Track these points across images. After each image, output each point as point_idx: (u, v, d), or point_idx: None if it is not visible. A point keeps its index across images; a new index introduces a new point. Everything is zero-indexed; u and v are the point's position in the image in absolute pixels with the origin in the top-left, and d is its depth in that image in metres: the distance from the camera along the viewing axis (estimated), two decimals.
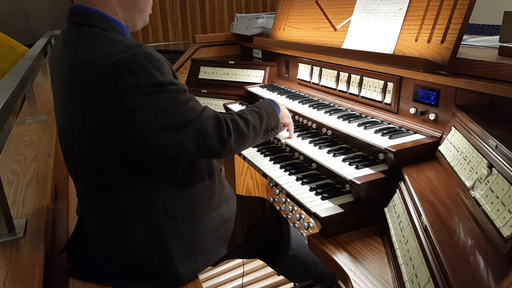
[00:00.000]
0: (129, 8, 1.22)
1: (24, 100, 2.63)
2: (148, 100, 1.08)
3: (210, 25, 6.40)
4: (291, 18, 2.23)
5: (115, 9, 1.19)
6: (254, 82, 2.45)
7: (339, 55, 1.78)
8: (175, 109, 1.14)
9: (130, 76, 1.05)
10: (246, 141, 1.32)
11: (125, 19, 1.24)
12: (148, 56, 1.08)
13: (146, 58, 1.08)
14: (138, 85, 1.06)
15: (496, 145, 0.96)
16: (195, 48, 2.75)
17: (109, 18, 1.17)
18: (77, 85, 1.10)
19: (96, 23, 1.14)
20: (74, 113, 1.15)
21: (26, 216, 1.36)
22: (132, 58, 1.06)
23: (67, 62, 1.13)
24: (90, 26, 1.14)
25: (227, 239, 1.40)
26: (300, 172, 1.54)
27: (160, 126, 1.11)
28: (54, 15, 6.57)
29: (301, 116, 1.84)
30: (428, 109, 1.47)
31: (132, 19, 1.26)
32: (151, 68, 1.08)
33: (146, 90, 1.07)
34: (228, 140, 1.23)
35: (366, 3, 1.73)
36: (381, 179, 1.29)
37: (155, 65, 1.09)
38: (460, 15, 1.32)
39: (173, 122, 1.13)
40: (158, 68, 1.10)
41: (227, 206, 1.42)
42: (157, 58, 1.11)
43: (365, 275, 1.06)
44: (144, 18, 1.30)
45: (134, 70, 1.05)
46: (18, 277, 1.08)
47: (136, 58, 1.06)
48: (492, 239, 0.85)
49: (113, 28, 1.17)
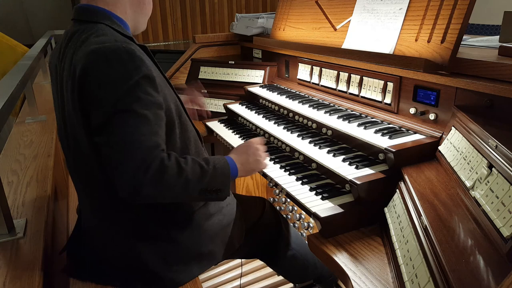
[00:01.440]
0: (137, 10, 1.28)
1: (24, 100, 2.63)
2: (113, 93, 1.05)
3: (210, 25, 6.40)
4: (291, 18, 2.23)
5: (125, 9, 1.24)
6: (254, 82, 2.45)
7: (339, 55, 1.78)
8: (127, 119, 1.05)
9: (104, 64, 1.05)
10: (168, 191, 1.10)
11: (131, 20, 1.28)
12: (130, 52, 1.07)
13: (128, 53, 1.07)
14: (108, 75, 1.05)
15: (496, 145, 0.96)
16: (195, 48, 2.75)
17: (114, 17, 1.20)
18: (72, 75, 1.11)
19: (101, 20, 1.18)
20: (69, 107, 1.15)
21: (26, 216, 1.36)
22: (112, 47, 1.06)
23: (68, 53, 1.15)
24: (95, 23, 1.17)
25: (225, 244, 1.40)
26: (300, 172, 1.54)
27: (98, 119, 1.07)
28: (54, 15, 6.57)
29: (301, 116, 1.84)
30: (428, 109, 1.47)
31: (137, 20, 1.31)
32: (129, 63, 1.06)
33: (114, 82, 1.05)
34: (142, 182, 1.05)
35: (366, 3, 1.73)
36: (381, 179, 1.29)
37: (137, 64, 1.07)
38: (460, 15, 1.32)
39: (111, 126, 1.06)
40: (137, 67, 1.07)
41: (226, 211, 1.41)
42: (139, 58, 1.08)
43: (365, 275, 1.06)
44: (145, 22, 1.35)
45: (110, 59, 1.05)
46: (18, 277, 1.08)
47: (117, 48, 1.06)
48: (492, 239, 0.85)
49: (117, 25, 1.19)
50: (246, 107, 2.21)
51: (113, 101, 1.04)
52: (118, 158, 1.04)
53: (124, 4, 1.23)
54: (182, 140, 1.27)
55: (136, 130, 1.05)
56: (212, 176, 1.16)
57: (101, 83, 1.05)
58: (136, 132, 1.04)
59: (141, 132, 1.05)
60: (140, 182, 1.03)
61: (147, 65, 1.09)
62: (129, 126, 1.04)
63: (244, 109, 2.20)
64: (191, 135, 1.32)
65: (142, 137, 1.05)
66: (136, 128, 1.05)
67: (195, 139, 1.36)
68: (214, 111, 2.44)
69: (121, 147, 1.04)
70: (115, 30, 1.17)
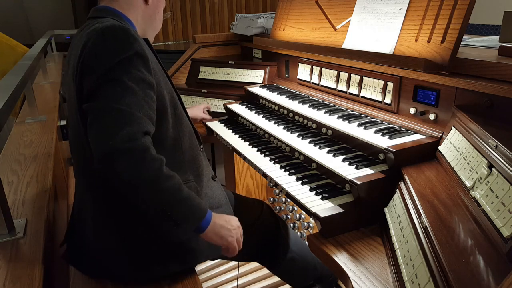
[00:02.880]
0: (148, 22, 1.36)
1: (24, 100, 2.63)
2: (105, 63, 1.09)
3: (210, 25, 6.40)
4: (291, 18, 2.23)
5: (136, 16, 1.32)
6: (254, 82, 2.45)
7: (339, 55, 1.78)
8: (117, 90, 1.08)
9: (100, 37, 1.11)
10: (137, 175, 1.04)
11: (140, 29, 1.34)
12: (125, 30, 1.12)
13: (123, 31, 1.12)
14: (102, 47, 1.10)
15: (496, 145, 0.96)
16: (195, 48, 2.75)
17: (124, 18, 1.28)
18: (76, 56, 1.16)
19: (111, 16, 1.25)
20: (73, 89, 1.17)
21: (26, 216, 1.36)
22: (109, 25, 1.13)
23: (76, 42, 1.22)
24: (105, 17, 1.24)
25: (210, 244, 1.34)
26: (300, 172, 1.54)
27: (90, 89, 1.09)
28: (54, 15, 6.57)
29: (301, 116, 1.84)
30: (428, 109, 1.47)
31: (146, 32, 1.38)
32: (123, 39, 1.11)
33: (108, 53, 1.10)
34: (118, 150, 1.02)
35: (366, 3, 1.73)
36: (381, 179, 1.29)
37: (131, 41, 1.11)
38: (460, 15, 1.32)
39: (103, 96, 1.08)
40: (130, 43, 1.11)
41: (216, 212, 1.40)
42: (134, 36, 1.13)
43: (365, 275, 1.06)
44: (152, 36, 1.43)
45: (105, 33, 1.11)
46: (18, 277, 1.08)
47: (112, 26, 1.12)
48: (492, 239, 0.85)
49: (125, 23, 1.24)
50: (246, 107, 2.21)
51: (104, 70, 1.08)
52: (99, 122, 1.06)
53: (137, 12, 1.31)
54: (176, 131, 1.28)
55: (122, 99, 1.07)
56: (184, 202, 1.11)
57: (95, 54, 1.10)
58: (121, 100, 1.06)
59: (127, 102, 1.06)
60: (116, 149, 1.02)
61: (140, 44, 1.13)
62: (116, 93, 1.07)
63: (244, 109, 2.20)
64: (186, 130, 1.34)
65: (127, 106, 1.06)
66: (122, 97, 1.07)
67: (191, 135, 1.37)
68: (214, 111, 2.44)
69: (104, 112, 1.06)
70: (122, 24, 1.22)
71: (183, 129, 1.32)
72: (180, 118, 1.31)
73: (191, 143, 1.36)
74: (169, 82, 1.32)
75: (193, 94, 2.53)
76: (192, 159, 1.36)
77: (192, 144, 1.37)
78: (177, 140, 1.29)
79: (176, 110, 1.29)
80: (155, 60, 1.26)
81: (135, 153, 1.04)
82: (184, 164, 1.32)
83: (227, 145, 1.97)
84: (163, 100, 1.22)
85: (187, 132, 1.35)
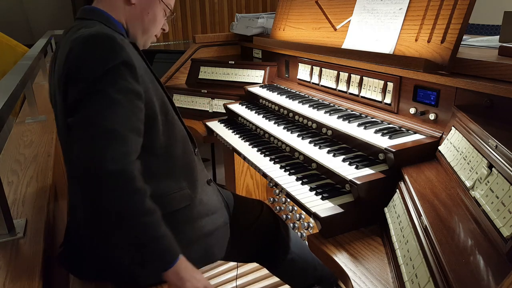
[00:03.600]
0: (134, 23, 1.28)
1: (24, 100, 2.63)
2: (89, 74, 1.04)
3: (210, 25, 6.39)
4: (291, 18, 2.23)
5: (120, 17, 1.26)
6: (254, 82, 2.45)
7: (339, 55, 1.78)
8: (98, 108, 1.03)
9: (83, 47, 1.06)
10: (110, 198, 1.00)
11: (129, 32, 1.29)
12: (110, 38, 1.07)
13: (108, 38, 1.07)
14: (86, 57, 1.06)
15: (496, 145, 0.96)
16: (195, 48, 2.75)
17: (111, 18, 1.24)
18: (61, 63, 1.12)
19: (97, 18, 1.21)
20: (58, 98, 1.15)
21: (26, 216, 1.36)
22: (93, 32, 1.08)
23: (61, 46, 1.18)
24: (91, 19, 1.20)
25: (201, 252, 1.32)
26: (300, 172, 1.54)
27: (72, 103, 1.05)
28: (54, 15, 6.56)
29: (301, 116, 1.84)
30: (428, 109, 1.47)
31: (135, 34, 1.30)
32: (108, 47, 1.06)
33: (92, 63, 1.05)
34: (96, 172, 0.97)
35: (366, 3, 1.73)
36: (381, 179, 1.29)
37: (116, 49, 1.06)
38: (460, 15, 1.32)
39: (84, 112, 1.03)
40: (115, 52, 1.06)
41: (210, 219, 1.37)
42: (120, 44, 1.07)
43: (365, 275, 1.06)
44: (145, 39, 1.34)
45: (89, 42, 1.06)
46: (18, 277, 1.08)
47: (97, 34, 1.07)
48: (492, 239, 0.85)
49: (112, 25, 1.21)
50: (246, 107, 2.21)
51: (88, 82, 1.03)
52: (83, 141, 1.01)
53: (119, 13, 1.25)
54: (167, 137, 1.24)
55: (108, 114, 1.02)
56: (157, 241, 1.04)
57: (79, 65, 1.06)
58: (107, 115, 1.02)
59: (113, 117, 1.02)
60: (97, 173, 0.97)
61: (127, 53, 1.08)
62: (101, 107, 1.02)
63: (244, 109, 2.20)
64: (179, 135, 1.30)
65: (113, 123, 1.01)
66: (108, 112, 1.02)
67: (184, 140, 1.33)
68: (214, 111, 2.44)
69: (88, 130, 1.01)
70: (108, 28, 1.19)
71: (175, 135, 1.28)
72: (171, 124, 1.26)
73: (184, 148, 1.32)
74: (159, 87, 1.27)
75: (193, 94, 2.54)
76: (186, 165, 1.32)
77: (186, 150, 1.33)
78: (168, 147, 1.25)
79: (167, 116, 1.25)
80: (143, 66, 1.21)
81: (119, 181, 0.99)
82: (176, 171, 1.29)
83: (227, 145, 1.97)
84: (153, 108, 1.17)
85: (180, 137, 1.31)
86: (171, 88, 2.61)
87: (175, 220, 1.28)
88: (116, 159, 0.99)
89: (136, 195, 1.02)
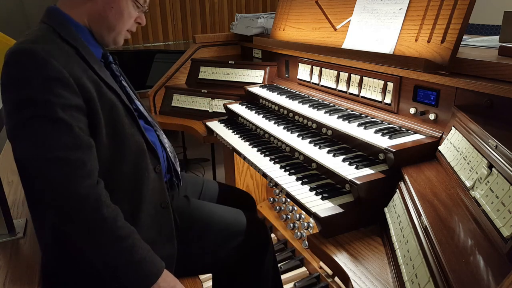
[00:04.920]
0: (97, 21, 1.19)
1: None
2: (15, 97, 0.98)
3: (210, 25, 6.39)
4: (291, 18, 2.23)
5: (82, 18, 1.18)
6: (254, 82, 2.45)
7: (339, 55, 1.78)
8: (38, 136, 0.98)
9: (5, 67, 0.99)
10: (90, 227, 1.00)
11: (93, 31, 1.21)
12: (31, 53, 0.99)
13: (29, 54, 0.99)
14: (7, 78, 1.00)
15: (496, 145, 0.96)
16: (195, 48, 2.75)
17: (69, 21, 1.16)
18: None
19: (51, 22, 1.14)
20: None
21: (26, 216, 1.36)
22: (15, 49, 1.00)
23: None
24: (45, 23, 1.14)
25: None
26: (300, 172, 1.54)
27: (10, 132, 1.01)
28: None
29: (301, 116, 1.84)
30: (428, 109, 1.47)
31: (100, 33, 1.22)
32: (28, 65, 0.98)
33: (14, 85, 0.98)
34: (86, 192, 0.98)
35: (366, 3, 1.73)
36: (381, 179, 1.29)
37: (37, 65, 0.98)
38: (460, 15, 1.32)
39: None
40: (38, 68, 0.98)
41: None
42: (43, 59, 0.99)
43: (365, 275, 1.06)
44: (113, 37, 1.24)
45: (8, 62, 0.99)
46: (18, 277, 1.08)
47: (17, 50, 1.00)
48: (492, 239, 0.85)
49: (66, 29, 1.13)
50: (246, 107, 2.21)
51: (16, 106, 0.98)
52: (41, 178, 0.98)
53: (80, 11, 1.17)
54: (113, 152, 1.14)
55: (55, 140, 0.98)
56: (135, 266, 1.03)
57: (3, 87, 1.00)
58: (55, 143, 0.97)
59: (62, 143, 0.98)
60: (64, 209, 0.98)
61: (52, 66, 1.00)
62: (45, 134, 0.97)
63: (244, 109, 2.20)
64: (131, 151, 1.18)
65: (64, 150, 0.97)
66: (54, 138, 0.98)
67: (138, 156, 1.20)
68: (214, 111, 2.44)
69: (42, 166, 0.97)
70: (56, 33, 1.11)
71: (125, 150, 1.16)
72: (120, 137, 1.14)
73: (136, 166, 1.19)
74: (113, 95, 1.15)
75: (193, 94, 2.54)
76: (132, 185, 1.19)
77: (138, 167, 1.19)
78: (115, 164, 1.14)
79: (115, 129, 1.13)
80: (90, 74, 1.10)
81: (86, 213, 0.99)
82: (117, 192, 1.14)
83: (227, 145, 1.97)
84: (96, 118, 1.08)
85: (134, 153, 1.18)
86: (171, 88, 2.61)
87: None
88: (79, 195, 0.98)
89: (105, 222, 1.02)
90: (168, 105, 2.59)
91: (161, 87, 2.63)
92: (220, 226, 1.41)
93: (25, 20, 6.45)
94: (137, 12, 1.27)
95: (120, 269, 1.04)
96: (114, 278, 1.05)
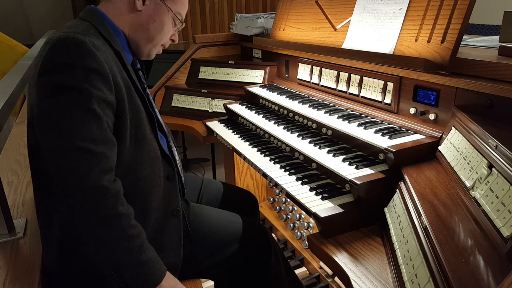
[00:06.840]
0: (138, 31, 1.23)
1: (24, 100, 2.63)
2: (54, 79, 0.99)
3: (210, 25, 6.39)
4: (291, 18, 2.23)
5: (124, 26, 1.22)
6: (254, 82, 2.45)
7: (339, 55, 1.78)
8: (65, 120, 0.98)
9: (49, 51, 1.01)
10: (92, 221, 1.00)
11: (131, 39, 1.24)
12: (79, 42, 1.00)
13: (77, 43, 1.00)
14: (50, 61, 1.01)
15: (496, 145, 0.96)
16: (195, 48, 2.75)
17: (110, 23, 1.18)
18: None
19: (92, 20, 1.15)
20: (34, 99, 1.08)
21: (26, 216, 1.36)
22: (63, 36, 1.01)
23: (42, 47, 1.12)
24: (85, 21, 1.15)
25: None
26: (300, 172, 1.54)
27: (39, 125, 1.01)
28: (54, 15, 6.56)
29: (301, 116, 1.84)
30: (428, 109, 1.47)
31: (138, 42, 1.25)
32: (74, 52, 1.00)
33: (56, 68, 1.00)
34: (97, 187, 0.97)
35: (366, 3, 1.73)
36: (381, 179, 1.29)
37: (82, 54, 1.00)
38: (460, 15, 1.32)
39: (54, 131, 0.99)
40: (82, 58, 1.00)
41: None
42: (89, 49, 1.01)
43: (365, 275, 1.06)
44: (149, 48, 1.28)
45: (55, 46, 1.00)
46: (18, 277, 1.08)
47: (66, 37, 1.01)
48: (492, 239, 0.85)
49: (105, 29, 1.15)
50: (246, 107, 2.21)
51: (53, 90, 0.99)
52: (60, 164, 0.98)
53: (124, 19, 1.21)
54: (133, 156, 1.15)
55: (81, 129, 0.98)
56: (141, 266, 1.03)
57: (44, 70, 1.01)
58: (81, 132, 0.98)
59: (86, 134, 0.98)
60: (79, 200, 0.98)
61: (97, 59, 1.02)
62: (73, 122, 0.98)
63: (244, 109, 2.20)
64: (149, 156, 1.19)
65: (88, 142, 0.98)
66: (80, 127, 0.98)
67: (154, 162, 1.21)
68: (214, 111, 2.44)
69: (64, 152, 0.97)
70: (97, 31, 1.13)
71: (144, 155, 1.17)
72: (141, 142, 1.16)
73: (151, 172, 1.20)
74: (139, 100, 1.17)
75: (193, 94, 2.54)
76: (145, 191, 1.19)
77: (153, 174, 1.21)
78: (132, 167, 1.15)
79: (137, 133, 1.15)
80: (124, 76, 1.13)
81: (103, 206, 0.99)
82: (131, 195, 1.13)
83: (227, 145, 1.97)
84: (122, 119, 1.10)
85: (151, 159, 1.20)
86: (171, 88, 2.61)
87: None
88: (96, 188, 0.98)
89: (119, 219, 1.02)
90: (168, 105, 2.59)
91: (161, 87, 2.63)
92: (217, 235, 1.40)
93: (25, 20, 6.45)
94: (173, 29, 1.31)
95: (125, 268, 1.03)
96: (116, 277, 1.04)
